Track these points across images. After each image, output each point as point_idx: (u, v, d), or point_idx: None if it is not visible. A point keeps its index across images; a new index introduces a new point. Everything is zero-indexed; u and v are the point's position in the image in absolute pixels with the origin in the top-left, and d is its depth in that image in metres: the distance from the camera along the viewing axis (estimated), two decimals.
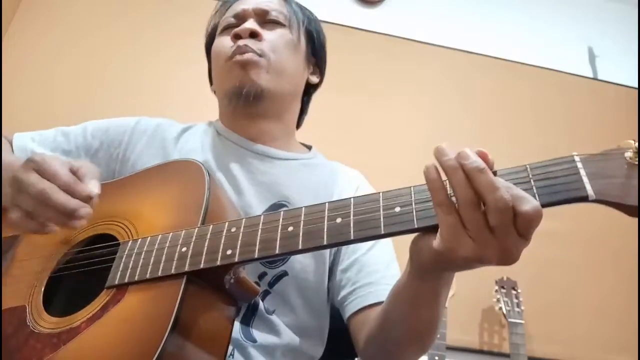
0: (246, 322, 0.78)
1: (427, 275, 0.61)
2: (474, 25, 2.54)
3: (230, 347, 0.71)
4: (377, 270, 0.86)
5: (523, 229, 0.49)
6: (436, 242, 0.53)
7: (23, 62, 2.09)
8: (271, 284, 0.82)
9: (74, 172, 0.67)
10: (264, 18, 0.96)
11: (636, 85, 2.42)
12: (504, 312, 1.80)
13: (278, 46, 0.94)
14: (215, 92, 1.07)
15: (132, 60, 2.18)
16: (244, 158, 0.93)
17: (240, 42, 0.90)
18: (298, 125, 1.07)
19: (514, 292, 1.85)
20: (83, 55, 2.15)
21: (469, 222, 0.50)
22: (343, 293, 0.86)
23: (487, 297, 1.91)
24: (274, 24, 0.96)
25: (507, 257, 0.50)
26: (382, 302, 0.80)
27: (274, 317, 0.81)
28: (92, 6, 2.25)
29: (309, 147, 1.05)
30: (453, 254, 0.51)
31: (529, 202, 0.48)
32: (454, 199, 0.51)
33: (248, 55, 0.89)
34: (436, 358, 1.62)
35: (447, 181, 0.51)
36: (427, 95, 2.35)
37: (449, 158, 0.50)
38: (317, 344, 0.88)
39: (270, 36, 0.94)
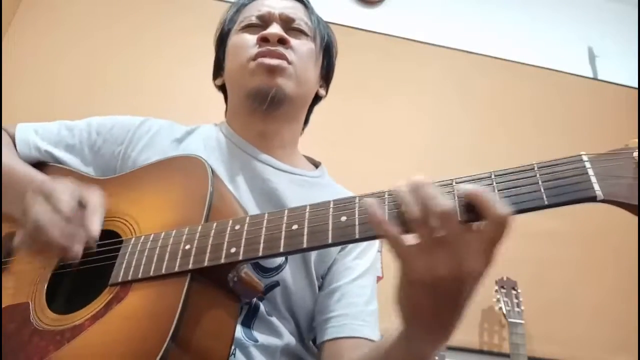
0: (247, 324, 0.78)
1: (412, 332, 0.59)
2: (474, 25, 2.54)
3: (232, 347, 0.71)
4: (356, 303, 0.85)
5: (488, 236, 0.50)
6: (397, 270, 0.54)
7: (23, 62, 2.09)
8: (264, 292, 0.81)
9: (82, 204, 0.68)
10: (289, 25, 0.95)
11: (636, 85, 2.42)
12: (504, 312, 1.80)
13: (303, 55, 0.94)
14: (219, 87, 1.06)
15: (133, 61, 2.18)
16: (247, 164, 0.92)
17: (271, 47, 0.90)
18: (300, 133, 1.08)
19: (514, 292, 1.86)
20: (84, 56, 2.15)
21: (419, 236, 0.51)
22: (319, 319, 0.85)
23: (487, 297, 1.91)
24: (298, 32, 0.96)
25: (457, 269, 0.50)
26: (356, 338, 0.81)
27: (273, 319, 0.81)
28: (92, 6, 2.24)
29: (317, 164, 1.05)
30: (408, 272, 0.53)
31: (501, 207, 0.49)
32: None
33: (277, 61, 0.89)
34: (436, 358, 1.62)
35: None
36: (427, 95, 2.35)
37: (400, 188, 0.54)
38: (312, 352, 0.89)
39: (296, 44, 0.94)
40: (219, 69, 1.05)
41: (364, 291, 0.87)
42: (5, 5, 2.05)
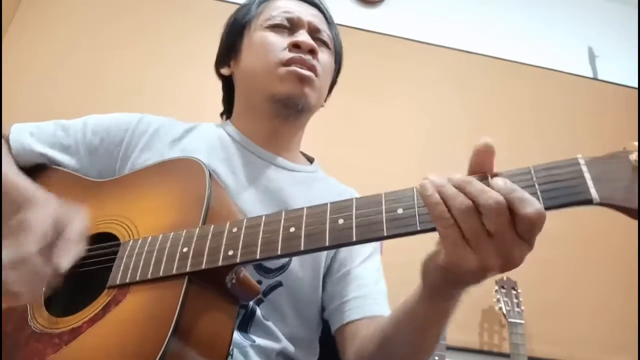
0: (244, 328, 0.78)
1: (438, 296, 0.61)
2: (474, 25, 2.54)
3: (230, 348, 0.71)
4: (366, 284, 0.88)
5: (525, 232, 0.49)
6: (441, 257, 0.53)
7: (23, 62, 2.09)
8: (265, 293, 0.82)
9: (58, 233, 0.65)
10: (314, 34, 0.97)
11: (636, 85, 2.42)
12: (504, 312, 1.80)
13: (326, 69, 0.97)
14: (223, 77, 1.04)
15: (133, 61, 2.18)
16: (251, 162, 0.93)
17: (303, 55, 0.91)
18: None
19: (514, 292, 1.86)
20: (84, 56, 2.15)
21: (468, 231, 0.49)
22: (332, 306, 0.87)
23: (487, 297, 1.91)
24: (322, 43, 0.98)
25: (510, 263, 0.50)
26: (369, 317, 0.82)
27: (270, 324, 0.81)
28: (92, 6, 2.24)
29: (311, 160, 1.06)
30: (458, 267, 0.51)
31: (531, 205, 0.47)
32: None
33: (309, 73, 0.91)
34: (436, 358, 1.63)
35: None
36: (427, 95, 2.35)
37: (435, 179, 0.51)
38: (310, 354, 0.89)
39: (321, 56, 0.95)
40: (228, 57, 1.02)
41: (371, 273, 0.90)
42: (5, 5, 2.05)
